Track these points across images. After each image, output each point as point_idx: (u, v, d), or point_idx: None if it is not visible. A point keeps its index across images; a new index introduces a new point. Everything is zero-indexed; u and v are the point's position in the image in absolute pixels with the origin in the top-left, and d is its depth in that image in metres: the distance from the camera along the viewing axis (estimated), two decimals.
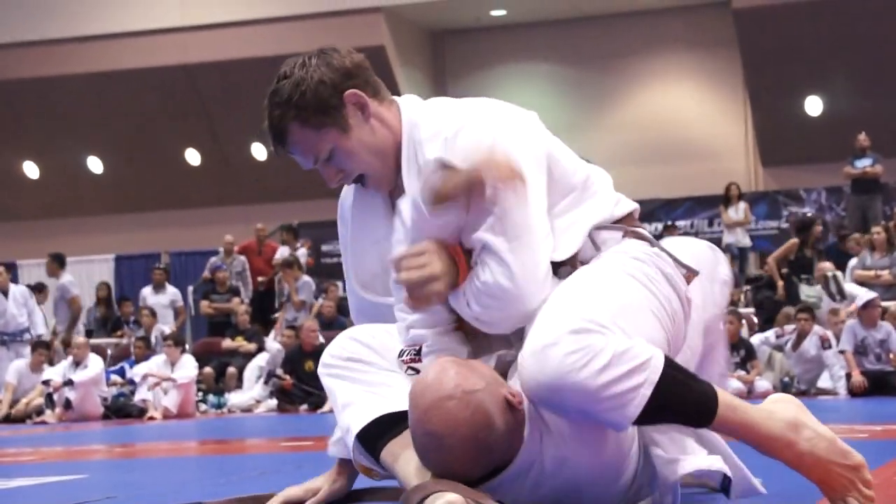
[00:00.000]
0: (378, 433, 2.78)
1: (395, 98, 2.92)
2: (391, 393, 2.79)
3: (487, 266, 2.64)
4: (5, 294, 14.87)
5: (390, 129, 2.83)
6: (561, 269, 2.76)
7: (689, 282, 2.83)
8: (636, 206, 2.94)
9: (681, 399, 2.54)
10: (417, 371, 2.72)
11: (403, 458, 2.71)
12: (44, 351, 14.34)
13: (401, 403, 2.72)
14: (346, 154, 2.80)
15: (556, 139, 2.86)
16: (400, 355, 2.80)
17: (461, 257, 2.68)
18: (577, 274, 2.72)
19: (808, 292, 13.87)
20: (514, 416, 2.57)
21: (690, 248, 2.93)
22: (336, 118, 2.79)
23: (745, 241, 17.01)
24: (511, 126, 2.74)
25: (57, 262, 16.40)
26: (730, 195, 16.98)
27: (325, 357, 2.92)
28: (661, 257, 2.80)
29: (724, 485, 2.75)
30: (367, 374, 2.85)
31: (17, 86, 20.48)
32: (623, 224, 2.87)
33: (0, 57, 20.50)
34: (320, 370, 2.93)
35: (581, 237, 2.79)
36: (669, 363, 2.55)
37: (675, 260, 2.82)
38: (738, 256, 16.54)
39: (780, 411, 2.62)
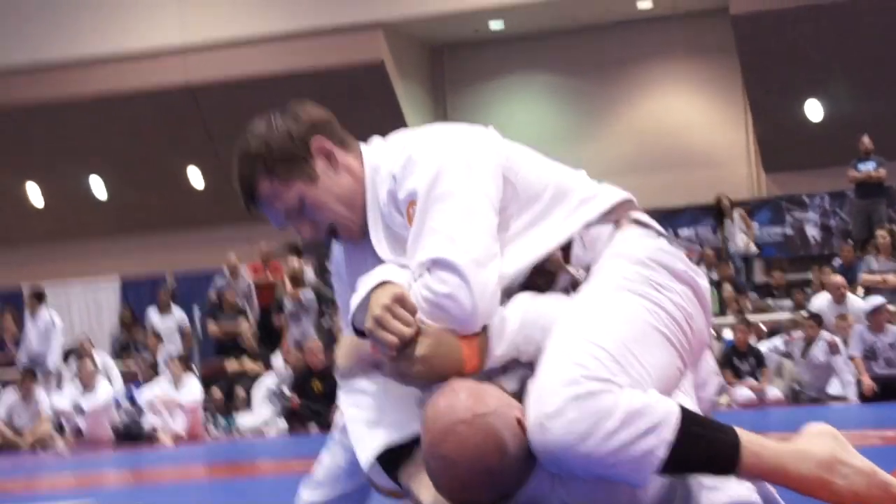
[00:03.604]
0: (394, 456, 2.76)
1: (361, 144, 2.91)
2: (398, 413, 2.76)
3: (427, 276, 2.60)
4: (32, 320, 14.94)
5: (356, 178, 2.83)
6: (557, 276, 2.74)
7: (690, 257, 2.78)
8: (626, 195, 2.88)
9: (700, 453, 2.47)
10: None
11: (417, 479, 2.69)
12: (31, 379, 14.29)
13: (410, 425, 2.72)
14: (315, 204, 2.80)
15: (523, 150, 2.83)
16: None
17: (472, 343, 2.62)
18: (574, 306, 2.65)
19: None
20: (526, 439, 2.53)
21: None
22: (303, 168, 2.79)
23: (752, 249, 16.89)
24: (455, 152, 2.69)
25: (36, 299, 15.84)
26: (722, 207, 16.76)
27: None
28: (661, 250, 2.75)
29: None
30: (375, 391, 2.81)
31: (19, 110, 20.47)
32: (614, 215, 2.82)
33: (1, 81, 20.52)
34: (339, 391, 2.91)
35: (544, 247, 2.72)
36: (686, 416, 2.48)
37: (671, 240, 2.79)
38: (741, 266, 16.45)
39: (814, 449, 2.52)
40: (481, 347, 2.63)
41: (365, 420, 2.80)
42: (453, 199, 2.64)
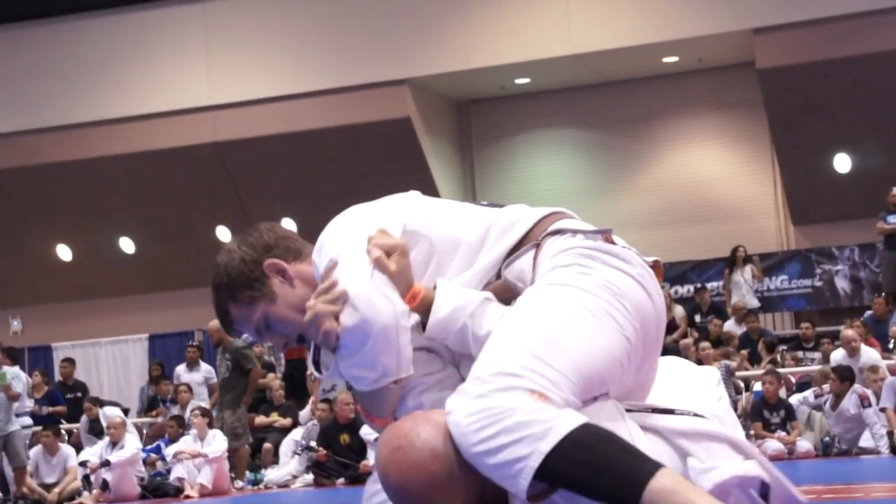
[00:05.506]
0: None
1: None
2: None
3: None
4: None
5: (311, 284, 2.94)
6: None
7: (607, 241, 2.79)
8: (548, 210, 2.92)
9: (592, 474, 2.43)
10: None
11: None
12: (48, 434, 14.30)
13: None
14: (279, 320, 2.97)
15: (441, 206, 2.96)
16: None
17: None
18: (502, 322, 2.71)
19: None
20: None
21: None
22: (261, 290, 2.97)
23: (753, 303, 16.83)
24: (352, 224, 2.88)
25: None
26: (736, 257, 16.90)
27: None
28: (576, 245, 2.77)
29: (763, 491, 2.63)
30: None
31: (49, 170, 20.66)
32: (534, 236, 2.86)
33: (31, 142, 20.73)
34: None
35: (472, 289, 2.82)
36: (589, 432, 2.45)
37: (586, 232, 2.81)
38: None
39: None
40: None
41: None
42: (345, 259, 2.80)
